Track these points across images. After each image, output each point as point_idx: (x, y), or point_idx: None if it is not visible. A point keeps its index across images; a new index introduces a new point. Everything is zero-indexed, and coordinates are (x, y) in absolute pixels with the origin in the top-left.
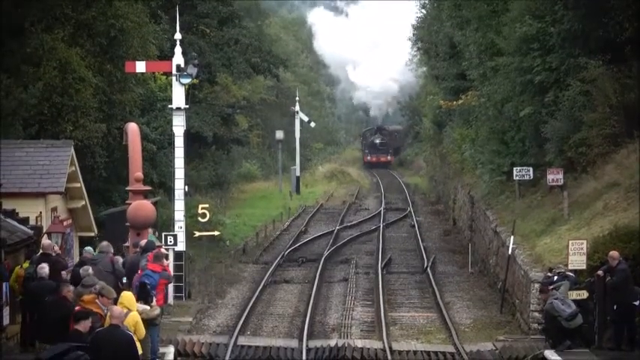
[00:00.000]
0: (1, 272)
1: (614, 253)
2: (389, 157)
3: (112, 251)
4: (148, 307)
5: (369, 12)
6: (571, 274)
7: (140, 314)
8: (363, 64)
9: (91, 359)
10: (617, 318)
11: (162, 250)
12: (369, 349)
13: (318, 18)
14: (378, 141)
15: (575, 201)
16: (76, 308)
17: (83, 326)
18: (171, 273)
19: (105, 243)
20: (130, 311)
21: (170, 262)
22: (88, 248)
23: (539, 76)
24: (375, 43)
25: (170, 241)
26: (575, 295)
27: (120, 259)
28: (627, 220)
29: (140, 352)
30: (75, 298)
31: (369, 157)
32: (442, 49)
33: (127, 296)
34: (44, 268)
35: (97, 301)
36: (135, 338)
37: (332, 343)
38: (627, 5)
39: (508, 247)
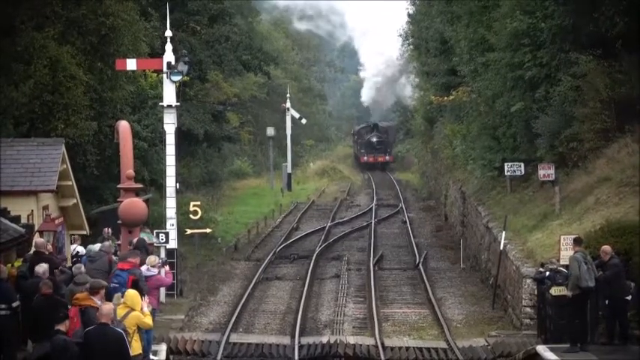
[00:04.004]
0: None
1: (606, 248)
2: (387, 157)
3: (113, 252)
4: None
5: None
6: (563, 269)
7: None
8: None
9: (82, 357)
10: (610, 313)
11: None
12: (361, 345)
13: None
14: (375, 139)
15: (567, 196)
16: (72, 307)
17: (64, 326)
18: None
19: (107, 243)
20: (131, 310)
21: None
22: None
23: (530, 72)
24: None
25: (162, 239)
26: (554, 291)
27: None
28: (619, 214)
29: (140, 351)
30: (68, 295)
31: (365, 158)
32: (433, 45)
33: (131, 295)
34: (43, 267)
35: (90, 297)
36: (136, 337)
37: (324, 339)
38: (618, 0)
39: (500, 242)
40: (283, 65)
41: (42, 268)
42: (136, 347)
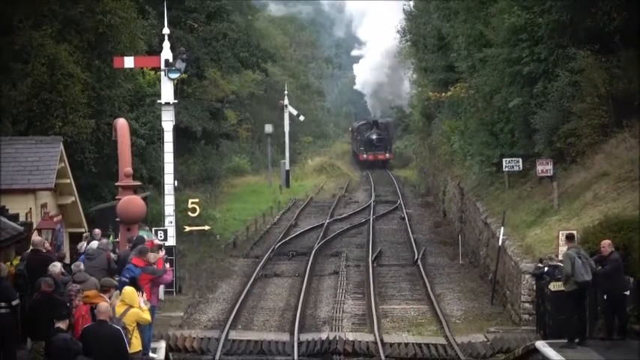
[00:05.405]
0: None
1: (607, 242)
2: (387, 155)
3: (111, 249)
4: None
5: None
6: (561, 264)
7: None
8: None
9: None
10: (609, 308)
11: (156, 241)
12: (360, 341)
13: None
14: (374, 137)
15: (565, 191)
16: (83, 305)
17: (64, 324)
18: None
19: (105, 240)
20: (130, 308)
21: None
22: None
23: (527, 67)
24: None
25: (160, 236)
26: (553, 286)
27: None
28: (617, 209)
29: (140, 348)
30: (66, 293)
31: (365, 156)
32: (430, 41)
33: (129, 292)
34: (57, 266)
35: (101, 295)
36: (136, 334)
37: (323, 336)
38: None
39: (498, 238)
40: (281, 62)
41: (56, 267)
42: (135, 344)
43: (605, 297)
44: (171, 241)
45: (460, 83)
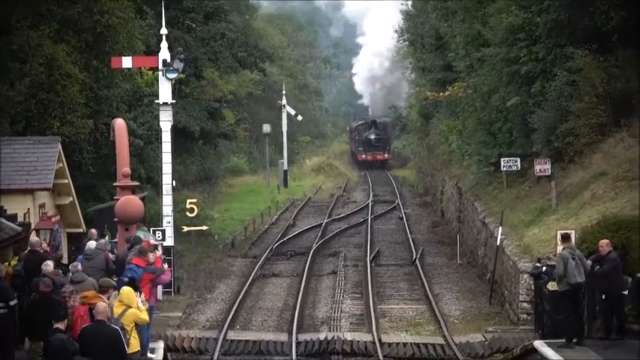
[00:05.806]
0: None
1: (605, 241)
2: (386, 155)
3: (109, 249)
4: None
5: None
6: None
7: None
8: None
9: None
10: (607, 308)
11: (152, 241)
12: (358, 341)
13: None
14: (373, 137)
15: (563, 191)
16: (81, 306)
17: (63, 324)
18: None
19: (103, 241)
20: (128, 308)
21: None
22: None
23: (525, 67)
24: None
25: (158, 236)
26: (551, 286)
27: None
28: (615, 209)
29: (138, 348)
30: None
31: (364, 156)
32: (428, 40)
33: (126, 292)
34: (49, 265)
35: (99, 295)
36: (134, 334)
37: (321, 336)
38: None
39: (496, 237)
40: (279, 62)
41: (49, 266)
42: (134, 344)
43: (603, 297)
44: (169, 242)
45: (458, 83)
